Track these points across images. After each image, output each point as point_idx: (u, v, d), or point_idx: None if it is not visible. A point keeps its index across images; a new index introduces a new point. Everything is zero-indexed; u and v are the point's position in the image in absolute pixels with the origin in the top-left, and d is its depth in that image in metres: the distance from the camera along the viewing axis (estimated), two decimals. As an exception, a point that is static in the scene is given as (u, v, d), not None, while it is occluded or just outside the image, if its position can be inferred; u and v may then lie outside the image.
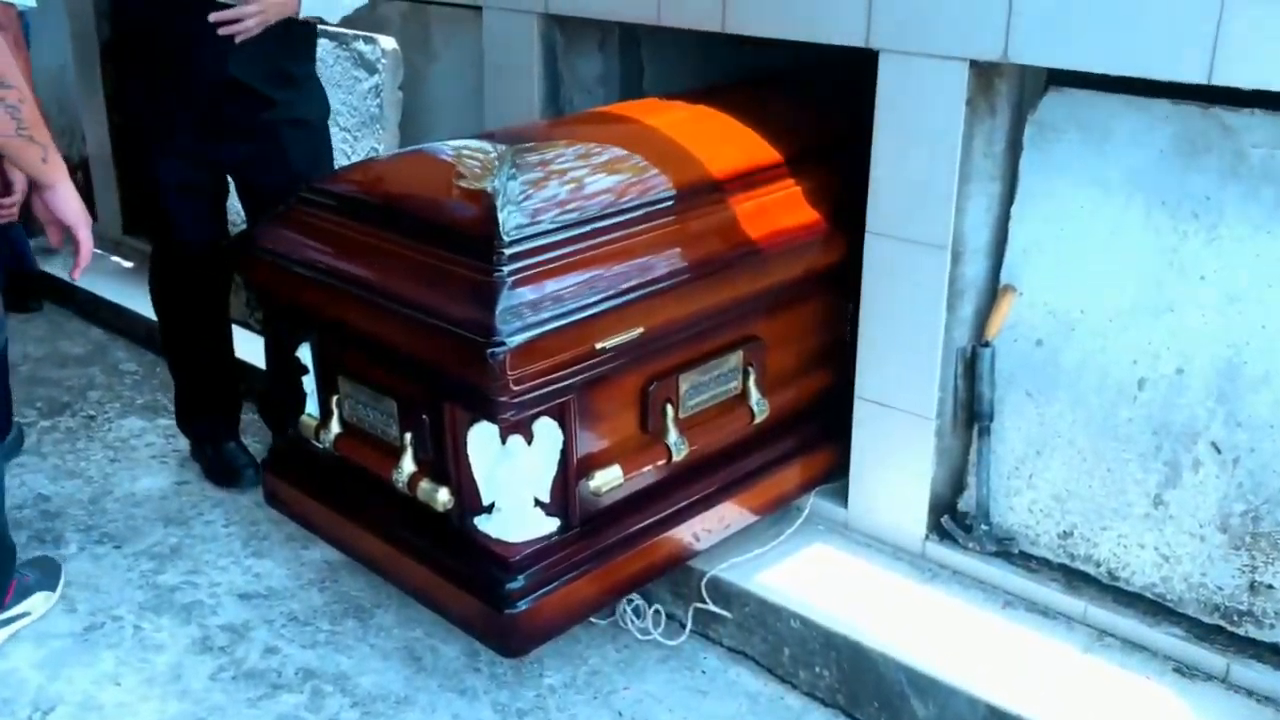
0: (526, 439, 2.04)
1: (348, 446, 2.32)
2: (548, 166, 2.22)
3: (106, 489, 3.04)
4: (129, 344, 3.92)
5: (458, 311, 1.92)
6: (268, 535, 2.81)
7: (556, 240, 2.04)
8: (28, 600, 2.51)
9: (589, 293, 2.01)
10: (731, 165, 2.36)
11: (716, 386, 2.31)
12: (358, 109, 3.29)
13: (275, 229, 2.32)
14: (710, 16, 2.51)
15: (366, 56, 3.25)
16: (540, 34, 2.93)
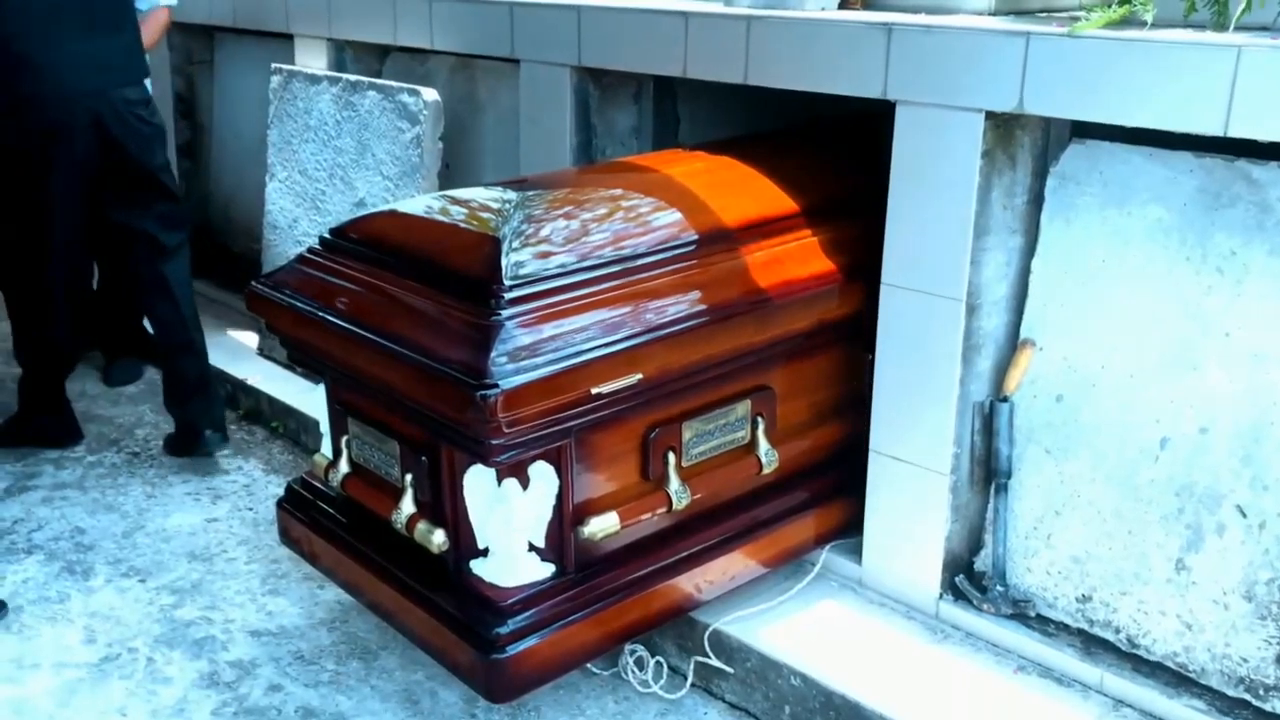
0: (522, 483, 2.00)
1: (355, 487, 2.30)
2: (557, 213, 2.19)
3: (140, 524, 3.06)
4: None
5: (453, 354, 1.89)
6: (286, 574, 2.79)
7: (558, 285, 2.01)
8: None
9: (587, 337, 1.97)
10: (745, 214, 2.31)
11: (723, 435, 2.25)
12: (399, 158, 3.32)
13: (294, 273, 2.32)
14: (733, 69, 2.48)
15: (409, 108, 3.27)
16: (573, 86, 2.92)
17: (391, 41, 3.46)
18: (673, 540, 2.21)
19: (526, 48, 2.98)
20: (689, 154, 2.60)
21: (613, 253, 2.11)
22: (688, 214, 2.25)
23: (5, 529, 3.03)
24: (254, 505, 3.14)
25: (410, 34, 3.35)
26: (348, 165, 3.50)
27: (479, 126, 3.41)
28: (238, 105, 4.46)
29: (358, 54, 3.71)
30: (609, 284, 2.06)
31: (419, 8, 3.28)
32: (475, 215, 2.28)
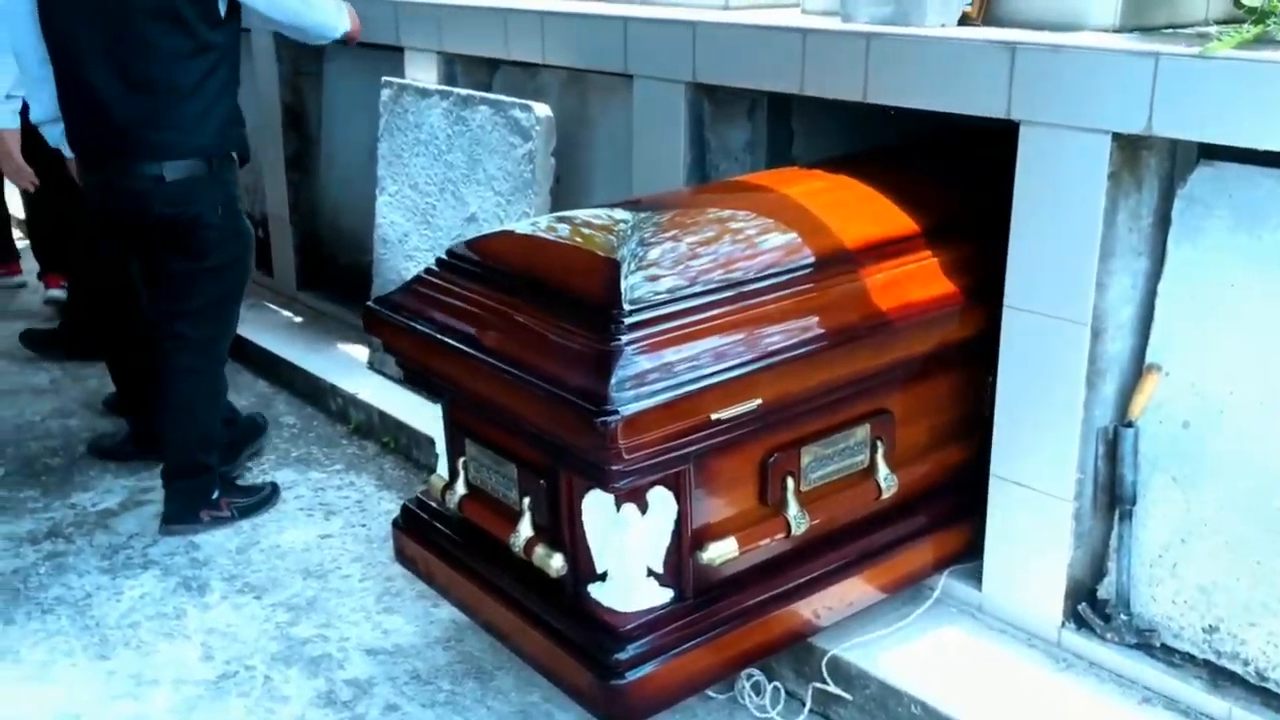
0: (640, 508, 2.11)
1: (472, 508, 2.44)
2: (676, 235, 2.30)
3: (254, 539, 3.25)
4: (290, 397, 4.18)
5: (573, 379, 2.02)
6: (400, 592, 2.96)
7: (678, 309, 2.12)
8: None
9: (706, 362, 2.07)
10: (864, 235, 2.40)
11: (842, 460, 2.34)
12: (511, 174, 3.47)
13: (411, 294, 2.47)
14: (852, 87, 2.57)
15: (521, 123, 3.42)
16: (687, 102, 3.04)
17: (503, 55, 3.61)
18: (791, 565, 2.30)
19: (640, 63, 3.10)
20: (806, 173, 2.70)
21: (731, 275, 2.21)
22: (806, 235, 2.34)
23: (121, 544, 3.25)
24: (367, 522, 3.32)
25: (521, 48, 3.49)
26: (459, 180, 3.67)
27: (591, 141, 3.55)
28: (346, 117, 4.67)
29: (468, 67, 3.87)
30: (728, 307, 2.16)
31: (531, 21, 3.43)
32: (593, 237, 2.40)
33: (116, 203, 3.16)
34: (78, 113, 3.13)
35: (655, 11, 3.15)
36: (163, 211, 3.12)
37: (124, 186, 3.11)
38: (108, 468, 3.69)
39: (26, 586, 3.05)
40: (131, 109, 3.05)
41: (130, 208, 3.14)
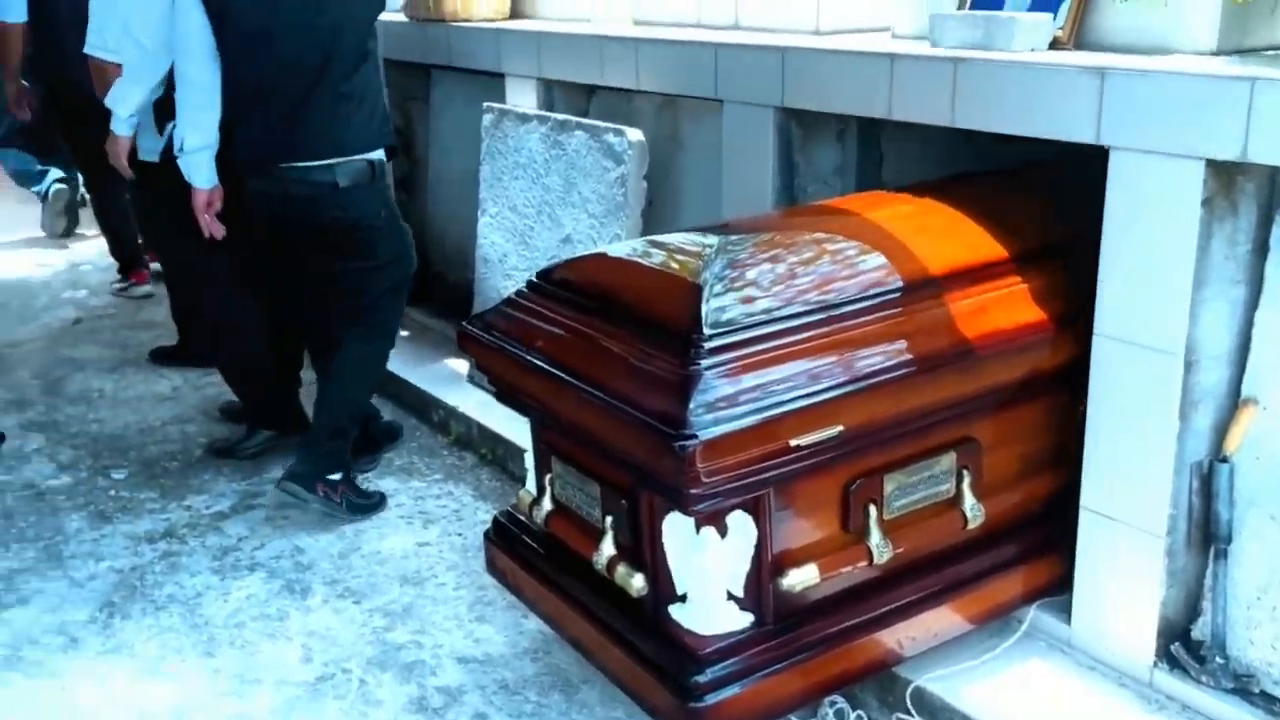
0: (720, 531, 2.03)
1: (558, 524, 2.39)
2: (758, 259, 2.22)
3: (356, 545, 3.25)
4: (395, 408, 4.18)
5: (652, 403, 1.95)
6: (492, 601, 2.92)
7: (759, 334, 2.04)
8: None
9: (787, 388, 1.99)
10: (952, 260, 2.29)
11: (926, 489, 2.23)
12: (604, 196, 3.42)
13: (502, 315, 2.43)
14: (939, 111, 2.46)
15: (615, 148, 3.38)
16: (776, 126, 2.96)
17: (598, 81, 3.57)
18: (874, 594, 2.20)
19: (730, 88, 3.03)
20: (893, 196, 2.60)
21: (815, 300, 2.12)
22: (892, 259, 2.25)
23: (231, 546, 3.28)
24: (463, 531, 3.30)
25: (616, 75, 3.45)
26: (555, 202, 3.64)
27: (682, 164, 3.49)
28: (452, 141, 4.68)
29: (566, 93, 3.84)
30: (811, 332, 2.08)
31: (626, 49, 3.38)
32: (677, 261, 2.33)
33: (288, 209, 3.21)
34: (257, 123, 3.16)
35: (745, 38, 3.08)
36: (335, 215, 3.20)
37: (298, 193, 3.18)
38: (221, 472, 3.73)
39: (143, 584, 3.09)
40: (316, 115, 3.12)
41: (302, 213, 3.20)
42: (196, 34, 3.12)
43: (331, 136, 3.15)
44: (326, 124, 3.14)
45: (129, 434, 4.07)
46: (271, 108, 3.13)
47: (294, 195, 3.18)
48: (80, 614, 2.95)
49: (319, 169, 3.14)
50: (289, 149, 3.14)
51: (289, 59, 3.09)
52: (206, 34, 3.11)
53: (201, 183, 3.24)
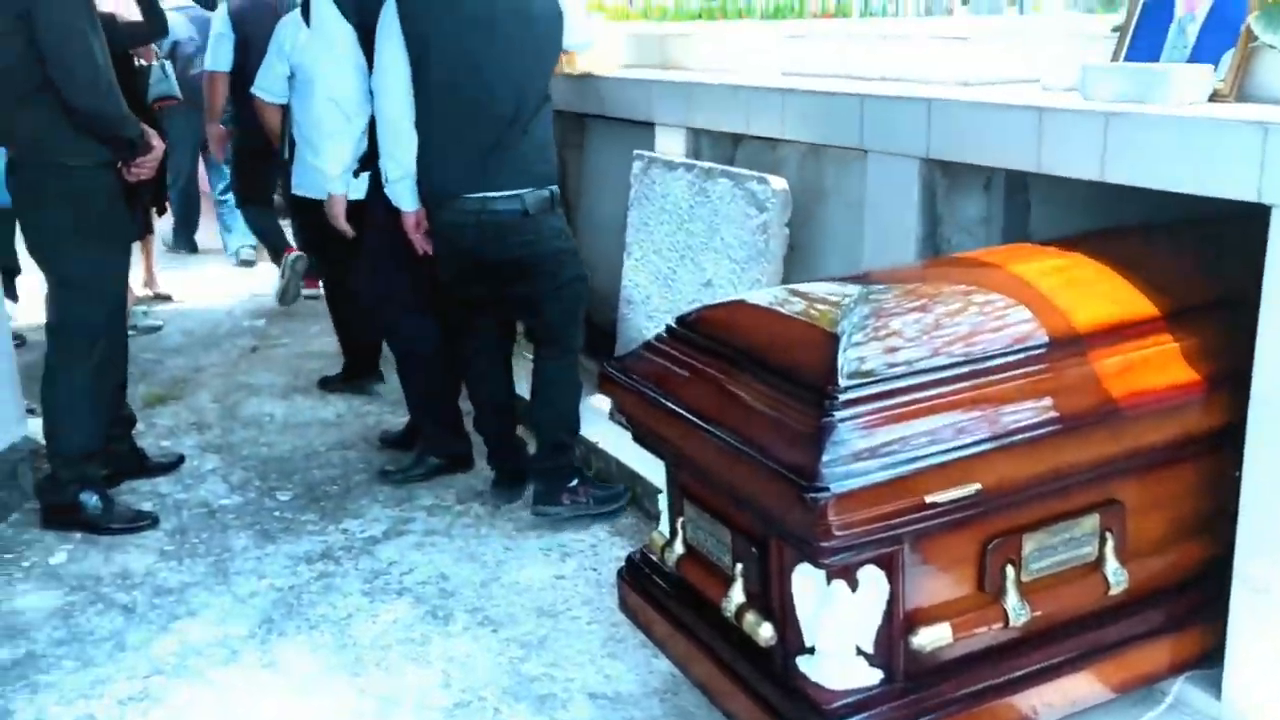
0: (850, 585, 1.93)
1: (689, 568, 2.32)
2: (900, 311, 2.12)
3: (496, 575, 3.24)
4: (539, 442, 4.19)
5: (785, 453, 1.87)
6: (624, 639, 2.86)
7: (896, 387, 1.94)
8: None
9: (924, 443, 1.88)
10: (1100, 317, 2.14)
11: (1067, 551, 2.08)
12: (747, 243, 3.36)
13: (640, 359, 2.39)
14: (1089, 166, 2.32)
15: (758, 195, 3.32)
16: (920, 176, 2.85)
17: (745, 131, 3.52)
18: (1010, 656, 2.06)
19: (874, 139, 2.95)
20: (1039, 249, 2.46)
21: (955, 354, 2.01)
22: (1037, 314, 2.12)
23: (381, 569, 3.31)
24: (598, 566, 3.26)
25: (762, 124, 3.40)
26: (698, 247, 3.59)
27: (825, 212, 3.40)
28: (602, 186, 4.69)
29: (713, 141, 3.80)
30: (949, 387, 1.97)
31: (772, 99, 3.33)
32: (816, 309, 2.25)
33: (482, 235, 3.29)
34: (453, 157, 3.25)
35: (891, 89, 2.99)
36: (524, 239, 3.29)
37: (490, 220, 3.26)
38: (376, 498, 3.78)
39: (299, 603, 3.14)
40: (507, 150, 3.22)
41: (495, 238, 3.29)
42: (397, 77, 3.24)
43: (520, 170, 3.25)
44: (516, 159, 3.24)
45: (295, 458, 4.17)
46: (466, 143, 3.23)
47: (486, 222, 3.27)
48: (241, 629, 3.01)
49: (508, 198, 3.24)
50: (482, 180, 3.24)
51: (485, 99, 3.19)
52: (406, 77, 3.23)
53: (408, 206, 3.40)
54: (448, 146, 3.26)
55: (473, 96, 3.20)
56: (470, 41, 3.16)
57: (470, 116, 3.21)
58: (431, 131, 3.27)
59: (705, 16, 5.41)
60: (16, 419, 3.87)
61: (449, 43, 3.17)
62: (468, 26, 3.16)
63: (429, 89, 3.24)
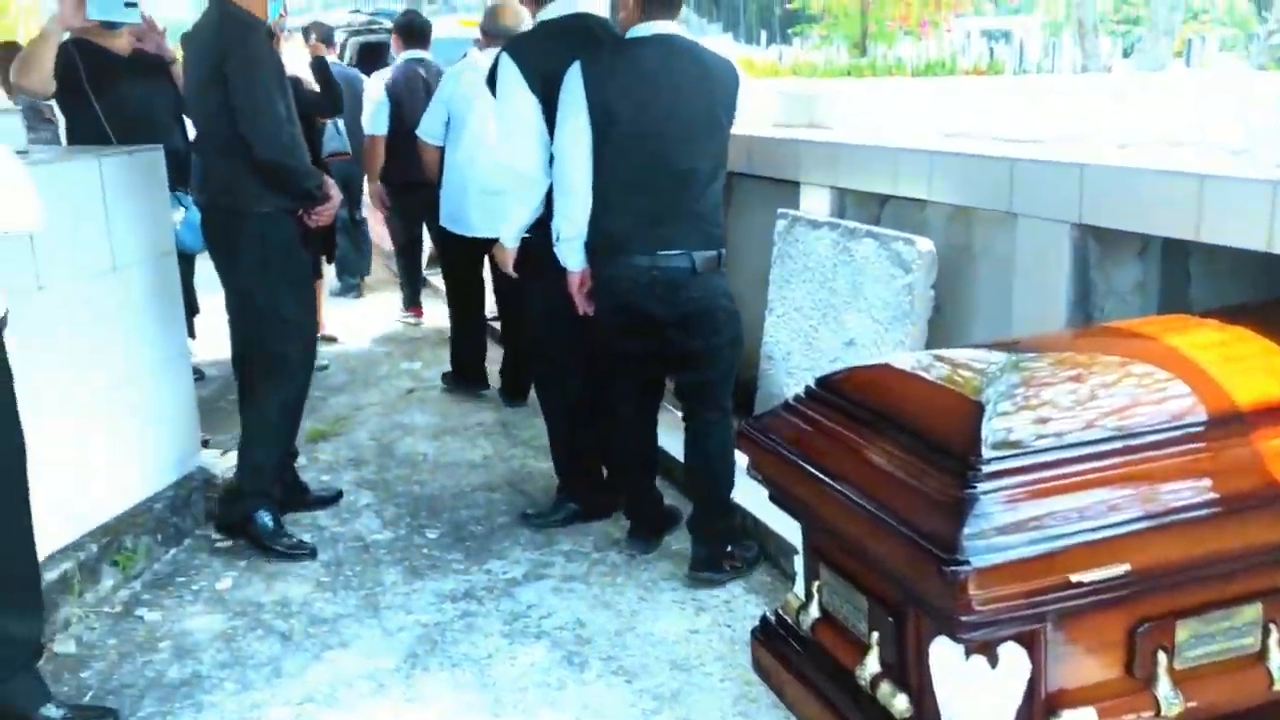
0: (990, 661, 1.83)
1: (823, 632, 2.25)
2: (1051, 381, 2.03)
3: (631, 624, 3.22)
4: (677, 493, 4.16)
5: (924, 523, 1.80)
6: (757, 699, 2.80)
7: (1044, 460, 1.85)
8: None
9: (1071, 520, 1.78)
10: (1265, 395, 2.00)
11: (1226, 640, 1.93)
12: (890, 303, 3.29)
13: (779, 418, 2.35)
14: (1255, 235, 2.20)
15: (903, 256, 3.25)
16: (1072, 241, 2.75)
17: (890, 191, 3.47)
18: (1160, 748, 1.93)
19: (1024, 203, 2.86)
20: (1199, 321, 2.32)
21: (1106, 429, 1.90)
22: (1195, 390, 1.99)
23: (521, 612, 3.32)
24: (732, 623, 3.20)
25: (909, 185, 3.34)
26: (840, 306, 3.54)
27: (972, 274, 3.31)
28: (746, 242, 4.67)
29: (858, 201, 3.76)
30: (1099, 462, 1.86)
31: (919, 160, 3.27)
32: (960, 376, 2.17)
33: (652, 290, 3.29)
34: (628, 215, 3.27)
35: (1042, 152, 2.90)
36: (692, 296, 3.29)
37: (661, 277, 3.27)
38: (518, 541, 3.81)
39: (443, 639, 3.18)
40: (681, 210, 3.24)
41: (664, 294, 3.29)
42: (578, 142, 3.27)
43: (692, 230, 3.27)
44: (689, 220, 3.26)
45: (444, 497, 4.25)
46: (643, 204, 3.25)
47: (657, 279, 3.28)
48: (389, 662, 3.06)
49: (679, 256, 3.25)
50: (656, 239, 3.26)
51: (664, 164, 3.22)
52: (587, 142, 3.26)
53: (575, 266, 3.42)
54: (624, 207, 3.27)
55: (652, 161, 3.22)
56: (652, 109, 3.18)
57: (648, 180, 3.23)
58: (609, 193, 3.28)
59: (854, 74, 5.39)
60: (193, 450, 4.05)
61: (632, 110, 3.19)
62: (650, 94, 3.18)
63: (609, 153, 3.25)
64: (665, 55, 3.20)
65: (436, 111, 5.03)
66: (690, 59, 3.23)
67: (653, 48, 3.21)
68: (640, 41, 3.23)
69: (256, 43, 3.47)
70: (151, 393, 3.78)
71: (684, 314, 3.32)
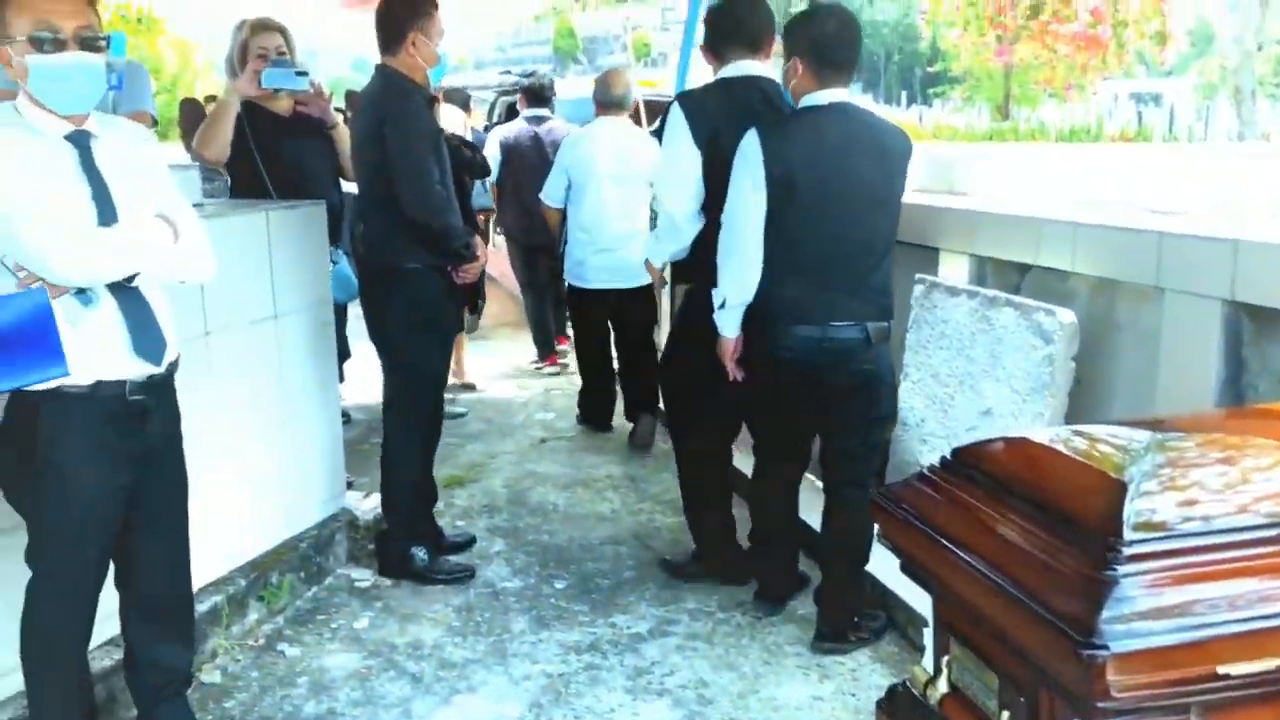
0: (1128, 751, 1.78)
1: (951, 708, 2.20)
2: (1198, 463, 1.97)
3: (755, 687, 3.20)
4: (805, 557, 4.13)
5: (1060, 603, 1.76)
6: (879, 770, 2.75)
7: (1191, 545, 1.79)
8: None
9: (1220, 609, 1.71)
10: None
11: (1384, 741, 1.83)
12: (1030, 374, 3.24)
13: (913, 488, 2.33)
14: None
15: (1044, 327, 3.19)
16: (1224, 318, 2.67)
17: (1032, 261, 3.42)
18: None
19: (1173, 277, 2.79)
20: (1360, 405, 2.23)
21: (1260, 515, 1.83)
22: (1357, 478, 1.91)
23: (644, 668, 3.34)
24: (856, 691, 3.16)
25: (1051, 255, 3.29)
26: (978, 374, 3.49)
27: (1114, 348, 3.23)
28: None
29: (998, 269, 3.71)
30: (1251, 550, 1.78)
31: (1062, 231, 3.22)
32: (1101, 453, 2.13)
33: (821, 358, 3.27)
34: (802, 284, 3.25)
35: (1193, 225, 2.82)
36: (862, 367, 3.27)
37: (832, 346, 3.25)
38: (644, 595, 3.84)
39: (567, 691, 3.22)
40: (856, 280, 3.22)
41: (833, 363, 3.27)
42: (752, 210, 3.24)
43: (866, 300, 3.24)
44: (863, 289, 3.23)
45: (572, 548, 4.32)
46: (817, 272, 3.23)
47: (827, 348, 3.25)
48: (514, 710, 3.12)
49: (852, 326, 3.24)
50: (830, 310, 3.23)
51: (839, 232, 3.20)
52: (761, 210, 3.23)
53: (732, 333, 3.40)
54: (798, 277, 3.25)
55: (827, 232, 3.20)
56: (830, 179, 3.17)
57: (824, 250, 3.21)
58: (781, 262, 3.26)
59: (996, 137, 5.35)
60: (339, 491, 4.22)
61: (809, 180, 3.17)
62: (828, 165, 3.17)
63: (784, 222, 3.23)
64: (842, 125, 3.20)
65: (557, 178, 5.58)
66: (866, 129, 3.23)
67: (829, 117, 3.21)
68: (817, 110, 3.23)
69: (413, 108, 3.66)
70: (303, 435, 3.97)
71: (848, 384, 3.28)
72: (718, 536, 3.93)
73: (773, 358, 3.35)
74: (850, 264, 3.21)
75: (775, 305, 3.29)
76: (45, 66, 2.31)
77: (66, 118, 2.40)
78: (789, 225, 3.23)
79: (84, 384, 2.39)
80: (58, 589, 2.50)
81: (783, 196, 3.21)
